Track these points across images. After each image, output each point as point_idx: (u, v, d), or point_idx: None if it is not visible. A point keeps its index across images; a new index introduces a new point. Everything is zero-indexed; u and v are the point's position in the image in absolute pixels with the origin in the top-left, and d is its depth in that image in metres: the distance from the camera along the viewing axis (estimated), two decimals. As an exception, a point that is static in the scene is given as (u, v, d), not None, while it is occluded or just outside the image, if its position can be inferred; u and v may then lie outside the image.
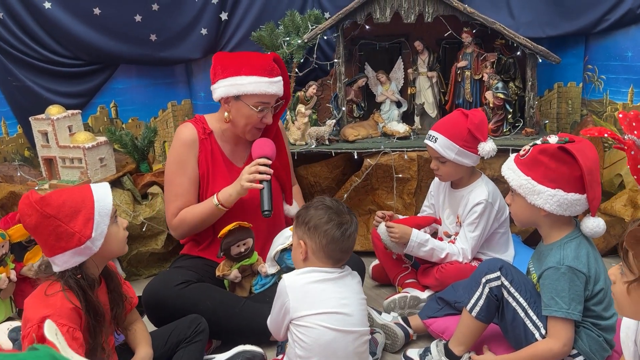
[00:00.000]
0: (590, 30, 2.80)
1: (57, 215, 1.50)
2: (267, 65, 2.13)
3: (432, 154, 2.21)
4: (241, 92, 2.10)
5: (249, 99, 2.11)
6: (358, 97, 2.89)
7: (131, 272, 2.66)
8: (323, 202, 1.74)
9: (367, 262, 2.37)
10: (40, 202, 1.50)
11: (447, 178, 2.26)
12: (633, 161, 1.19)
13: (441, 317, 2.05)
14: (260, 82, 2.10)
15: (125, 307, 1.72)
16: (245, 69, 2.10)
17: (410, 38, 2.86)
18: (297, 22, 2.91)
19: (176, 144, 2.20)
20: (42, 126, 2.63)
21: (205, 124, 2.24)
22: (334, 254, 1.69)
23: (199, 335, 1.84)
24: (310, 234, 1.69)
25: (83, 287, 1.53)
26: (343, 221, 1.68)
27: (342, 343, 1.65)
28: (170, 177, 2.20)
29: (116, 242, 1.61)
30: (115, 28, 2.90)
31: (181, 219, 2.17)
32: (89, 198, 1.55)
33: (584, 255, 1.68)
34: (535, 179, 1.67)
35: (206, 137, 2.22)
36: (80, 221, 1.52)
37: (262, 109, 2.13)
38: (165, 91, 3.21)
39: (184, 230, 2.20)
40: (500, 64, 2.70)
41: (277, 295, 1.71)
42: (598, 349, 1.69)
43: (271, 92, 2.12)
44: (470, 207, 2.18)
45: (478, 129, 2.12)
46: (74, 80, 2.94)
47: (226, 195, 2.10)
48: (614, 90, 2.81)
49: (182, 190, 2.18)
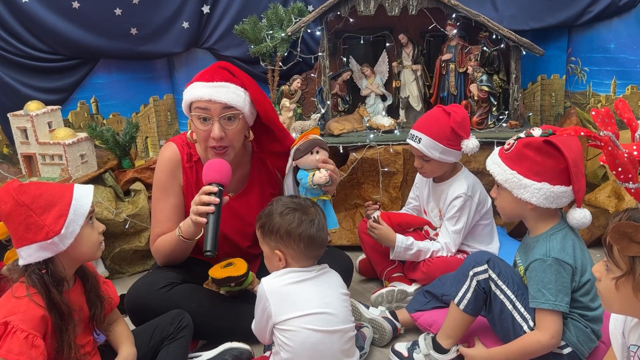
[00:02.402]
0: (573, 23, 2.81)
1: (31, 205, 1.47)
2: (209, 71, 1.93)
3: (416, 154, 2.20)
4: (185, 102, 1.91)
5: (190, 109, 1.91)
6: (343, 91, 2.88)
7: (115, 270, 2.62)
8: (285, 205, 1.69)
9: (353, 256, 2.36)
10: (18, 189, 1.48)
11: (431, 175, 2.27)
12: (611, 157, 1.19)
13: (429, 311, 2.05)
14: (194, 87, 1.88)
15: (105, 307, 1.69)
16: (195, 77, 1.93)
17: (394, 31, 2.85)
18: (280, 15, 2.88)
19: (159, 168, 2.04)
20: (20, 122, 2.57)
21: (192, 150, 2.04)
22: (313, 252, 1.68)
23: (183, 331, 1.81)
24: (285, 242, 1.66)
25: (46, 283, 1.49)
26: (312, 217, 1.66)
27: (328, 344, 1.64)
28: (154, 202, 2.07)
29: (88, 244, 1.56)
30: (95, 22, 2.84)
31: (156, 248, 2.03)
32: (68, 195, 1.52)
33: (570, 247, 1.69)
34: (521, 173, 1.67)
35: (192, 165, 2.03)
36: (52, 215, 1.48)
37: (203, 118, 1.88)
38: (147, 86, 3.16)
39: (159, 259, 2.05)
40: (485, 57, 2.71)
41: (258, 300, 1.69)
42: (585, 340, 1.69)
43: (205, 97, 1.85)
44: (450, 201, 2.19)
45: (461, 127, 2.12)
46: (53, 75, 2.89)
47: (186, 226, 1.88)
48: (597, 82, 2.83)
49: (162, 216, 2.03)
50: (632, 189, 1.18)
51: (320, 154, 1.93)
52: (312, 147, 1.92)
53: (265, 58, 2.92)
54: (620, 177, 1.18)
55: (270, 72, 2.95)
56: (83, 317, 1.62)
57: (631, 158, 1.17)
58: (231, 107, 1.88)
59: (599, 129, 1.23)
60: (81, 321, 1.60)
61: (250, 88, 1.93)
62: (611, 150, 1.17)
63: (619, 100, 1.29)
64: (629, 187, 1.18)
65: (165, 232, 2.01)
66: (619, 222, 1.16)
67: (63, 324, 1.51)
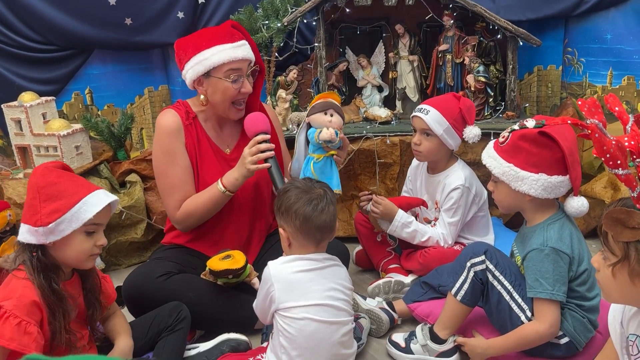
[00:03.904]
0: (570, 13, 2.81)
1: (41, 189, 1.50)
2: (226, 32, 2.02)
3: (420, 127, 2.18)
4: (208, 66, 1.98)
5: (218, 71, 1.99)
6: (339, 82, 2.86)
7: (111, 262, 2.61)
8: (292, 184, 1.71)
9: (350, 248, 2.36)
10: (43, 170, 1.53)
11: (427, 156, 2.22)
12: (598, 144, 1.21)
13: (425, 301, 2.05)
14: (223, 49, 1.98)
15: (102, 306, 1.69)
16: (204, 43, 1.99)
17: (391, 21, 2.84)
18: (276, 5, 2.86)
19: (160, 134, 2.07)
20: (15, 114, 2.55)
21: (188, 108, 2.11)
22: (310, 233, 1.65)
23: (181, 323, 1.81)
24: (285, 219, 1.67)
25: (37, 265, 1.50)
26: (313, 197, 1.64)
27: (325, 333, 1.64)
28: (162, 170, 2.07)
29: (75, 251, 1.53)
30: (89, 12, 2.82)
31: (187, 212, 2.05)
32: (78, 196, 1.51)
33: (567, 237, 1.69)
34: (517, 165, 1.67)
35: (191, 123, 2.09)
36: (50, 207, 1.48)
37: (235, 78, 2.00)
38: (142, 77, 3.14)
39: (190, 223, 2.09)
40: (481, 47, 2.70)
41: (263, 282, 1.70)
42: (582, 330, 1.70)
43: (238, 57, 1.99)
44: (447, 192, 2.18)
45: (468, 112, 2.15)
46: (47, 66, 2.87)
47: (232, 180, 1.99)
48: (593, 73, 2.83)
49: (177, 180, 2.05)
50: (622, 175, 1.19)
51: (334, 117, 1.99)
52: (326, 108, 1.99)
53: (261, 48, 2.89)
54: (609, 164, 1.20)
55: (266, 62, 2.93)
56: (79, 311, 1.62)
57: (619, 145, 1.18)
58: (254, 64, 2.07)
59: (585, 117, 1.25)
60: (75, 310, 1.58)
61: (252, 44, 2.10)
62: (598, 137, 1.19)
63: (609, 95, 1.31)
64: (618, 174, 1.19)
65: (186, 195, 2.05)
66: (611, 209, 1.17)
67: (56, 309, 1.50)
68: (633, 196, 1.18)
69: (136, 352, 1.75)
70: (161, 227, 2.61)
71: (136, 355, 1.75)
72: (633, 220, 1.15)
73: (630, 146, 1.19)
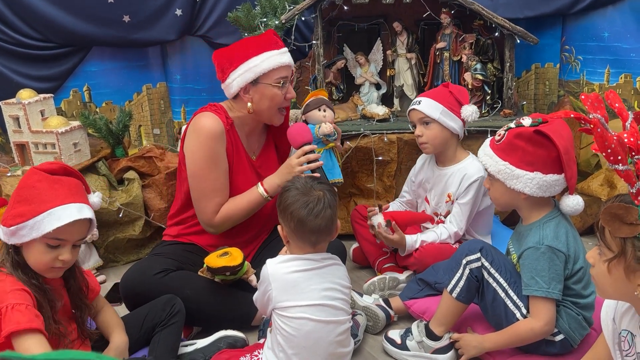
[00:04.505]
0: (568, 11, 2.81)
1: (19, 190, 1.51)
2: (270, 39, 2.09)
3: (417, 118, 2.20)
4: (258, 73, 2.03)
5: (267, 77, 2.04)
6: (337, 80, 2.87)
7: (109, 259, 2.62)
8: (293, 183, 1.70)
9: (347, 245, 2.37)
10: (31, 171, 1.53)
11: (433, 144, 2.21)
12: (600, 139, 1.21)
13: (422, 298, 2.06)
14: (271, 56, 2.04)
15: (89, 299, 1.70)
16: (251, 50, 2.04)
17: (389, 19, 2.84)
18: (274, 3, 2.86)
19: (204, 137, 2.04)
20: (13, 111, 2.55)
21: (226, 114, 2.11)
22: (305, 236, 1.64)
23: (175, 317, 1.81)
24: (282, 217, 1.67)
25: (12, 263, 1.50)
26: (310, 200, 1.62)
27: (323, 333, 1.65)
28: (203, 173, 2.05)
29: (35, 261, 1.50)
30: (87, 9, 2.82)
31: (226, 216, 2.08)
32: (49, 205, 1.47)
33: (563, 235, 1.70)
34: (513, 164, 1.68)
35: (230, 128, 2.10)
36: (18, 210, 1.48)
37: (283, 83, 2.07)
38: (140, 74, 3.14)
39: (226, 227, 2.12)
40: (479, 45, 2.70)
41: (261, 279, 1.70)
42: (577, 327, 1.71)
43: (286, 62, 2.07)
44: (468, 184, 2.16)
45: (460, 94, 2.20)
46: (45, 63, 2.87)
47: (274, 186, 2.05)
48: (591, 71, 2.83)
49: (219, 185, 2.07)
50: (622, 171, 1.19)
51: (327, 112, 2.21)
52: (320, 105, 2.20)
53: (259, 46, 2.90)
54: (609, 159, 1.20)
55: (264, 60, 2.93)
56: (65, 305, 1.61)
57: (620, 141, 1.19)
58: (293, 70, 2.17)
59: (588, 111, 1.25)
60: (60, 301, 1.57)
61: None
62: (600, 132, 1.19)
63: (610, 92, 1.32)
64: (618, 169, 1.19)
65: (224, 200, 2.09)
66: (609, 204, 1.18)
67: (42, 299, 1.50)
68: (632, 192, 1.18)
69: (131, 347, 1.75)
70: (159, 224, 2.62)
71: (132, 351, 1.75)
72: (631, 216, 1.15)
73: (630, 143, 1.19)
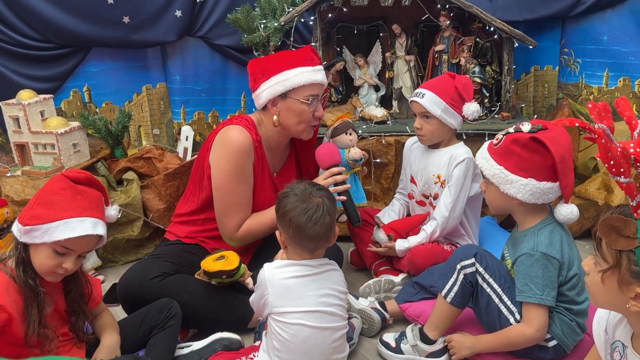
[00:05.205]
0: (567, 14, 2.81)
1: (42, 192, 1.56)
2: (306, 54, 2.05)
3: (418, 110, 2.20)
4: (288, 87, 2.00)
5: (297, 93, 2.02)
6: (336, 81, 2.87)
7: (107, 259, 2.63)
8: (292, 189, 1.68)
9: (344, 247, 2.37)
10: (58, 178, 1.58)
11: (429, 138, 2.23)
12: (604, 150, 1.20)
13: (417, 302, 2.07)
14: (304, 72, 2.01)
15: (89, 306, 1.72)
16: (285, 63, 2.02)
17: (388, 21, 2.84)
18: (273, 4, 2.87)
19: (233, 152, 2.02)
20: (13, 111, 2.57)
21: (256, 130, 2.10)
22: (303, 242, 1.64)
23: (171, 320, 1.81)
24: (281, 223, 1.67)
25: (18, 259, 1.55)
26: (309, 207, 1.61)
27: (318, 339, 1.66)
28: (230, 187, 2.04)
29: (39, 263, 1.54)
30: (87, 10, 2.83)
31: (248, 231, 2.09)
32: (65, 214, 1.52)
33: (558, 242, 1.70)
34: (507, 169, 1.68)
35: (258, 145, 2.09)
36: (36, 212, 1.53)
37: (312, 101, 2.03)
38: (140, 74, 3.15)
39: (248, 241, 2.13)
40: (477, 48, 2.70)
41: (258, 283, 1.70)
42: (570, 333, 1.72)
43: (318, 80, 2.03)
44: (454, 165, 2.17)
45: (464, 89, 2.17)
46: (45, 63, 2.88)
47: None
48: (590, 74, 2.83)
49: (245, 199, 2.07)
50: (624, 183, 1.18)
51: (353, 135, 2.22)
52: (347, 128, 2.21)
53: (258, 47, 2.90)
54: (612, 171, 1.19)
55: (264, 61, 2.94)
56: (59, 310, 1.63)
57: (624, 153, 1.17)
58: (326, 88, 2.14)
59: (594, 121, 1.24)
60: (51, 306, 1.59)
61: None
62: (604, 143, 1.18)
63: (621, 98, 1.29)
64: (620, 181, 1.19)
65: (247, 215, 2.09)
66: (607, 216, 1.17)
67: (31, 302, 1.53)
68: (632, 205, 1.17)
69: (128, 349, 1.76)
70: (158, 225, 2.64)
71: (128, 353, 1.76)
72: (628, 230, 1.15)
73: (635, 153, 1.18)
